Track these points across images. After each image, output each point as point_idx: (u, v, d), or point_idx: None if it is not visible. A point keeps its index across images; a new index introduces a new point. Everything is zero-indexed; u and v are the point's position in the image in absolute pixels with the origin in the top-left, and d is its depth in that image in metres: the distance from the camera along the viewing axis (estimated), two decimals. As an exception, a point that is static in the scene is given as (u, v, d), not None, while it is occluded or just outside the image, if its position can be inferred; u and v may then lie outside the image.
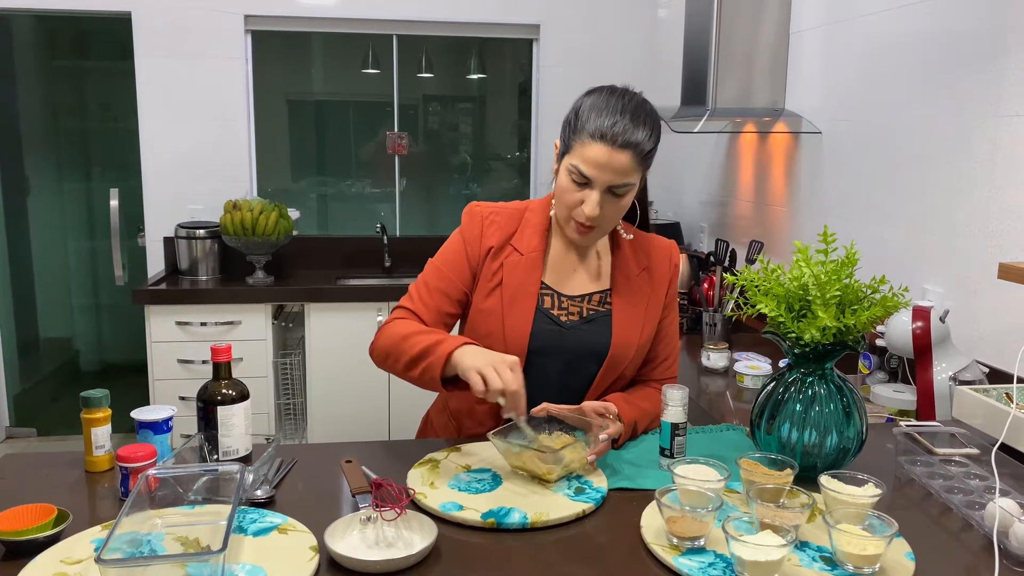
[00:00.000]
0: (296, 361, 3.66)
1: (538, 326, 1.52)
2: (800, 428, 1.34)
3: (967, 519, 1.25)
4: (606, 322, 1.55)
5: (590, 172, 1.40)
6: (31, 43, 4.82)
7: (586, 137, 1.40)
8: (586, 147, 1.40)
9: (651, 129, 1.42)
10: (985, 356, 1.95)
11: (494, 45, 4.56)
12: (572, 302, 1.56)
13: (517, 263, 1.54)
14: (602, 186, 1.41)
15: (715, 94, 2.88)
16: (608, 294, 1.58)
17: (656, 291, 1.59)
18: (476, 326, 1.56)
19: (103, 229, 4.82)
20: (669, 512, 1.14)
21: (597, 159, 1.39)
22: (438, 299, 1.55)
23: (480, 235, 1.56)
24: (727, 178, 3.44)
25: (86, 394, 1.38)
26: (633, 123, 1.39)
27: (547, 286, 1.56)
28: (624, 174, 1.41)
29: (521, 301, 1.53)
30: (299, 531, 1.16)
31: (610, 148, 1.38)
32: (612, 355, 1.53)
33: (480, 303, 1.55)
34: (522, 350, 1.51)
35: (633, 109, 1.41)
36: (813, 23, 2.74)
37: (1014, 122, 1.89)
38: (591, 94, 1.46)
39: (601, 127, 1.38)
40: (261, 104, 4.05)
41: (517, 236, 1.56)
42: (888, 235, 2.35)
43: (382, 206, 4.43)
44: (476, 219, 1.58)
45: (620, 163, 1.39)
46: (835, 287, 1.30)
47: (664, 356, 1.64)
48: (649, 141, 1.41)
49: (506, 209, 1.59)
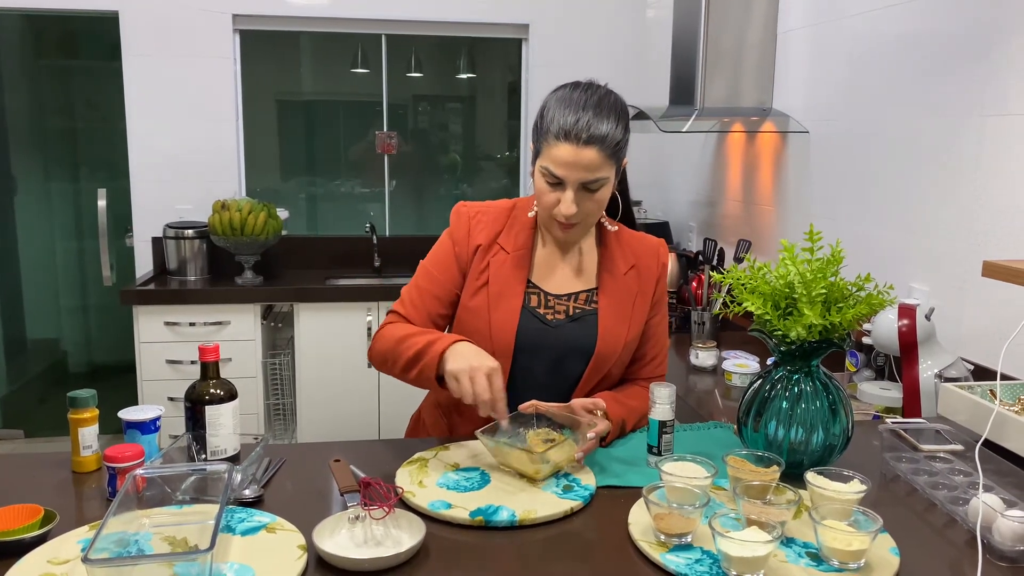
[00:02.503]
0: (285, 361, 3.65)
1: (524, 324, 1.53)
2: (787, 425, 1.35)
3: (951, 515, 1.26)
4: (592, 320, 1.55)
5: (560, 172, 1.41)
6: (18, 42, 4.79)
7: (552, 138, 1.41)
8: (553, 148, 1.41)
9: (616, 120, 1.42)
10: (970, 353, 1.96)
11: (483, 45, 4.56)
12: (559, 300, 1.56)
13: (504, 262, 1.55)
14: (574, 184, 1.42)
15: (703, 94, 2.89)
16: (595, 293, 1.58)
17: (644, 290, 1.60)
18: (463, 324, 1.57)
19: (91, 229, 4.78)
20: (656, 509, 1.15)
21: (564, 159, 1.40)
22: (428, 302, 1.56)
23: (468, 234, 1.57)
24: (715, 178, 3.45)
25: (73, 394, 1.38)
26: (596, 117, 1.39)
27: (534, 284, 1.56)
28: (593, 169, 1.41)
29: (507, 299, 1.53)
30: (287, 530, 1.16)
31: (575, 146, 1.39)
32: (598, 353, 1.54)
33: (467, 301, 1.55)
34: (508, 348, 1.52)
35: (596, 103, 1.41)
36: (800, 23, 2.76)
37: (998, 121, 1.90)
38: (556, 92, 1.47)
39: (564, 125, 1.39)
40: (250, 104, 4.04)
41: (504, 234, 1.57)
42: (874, 233, 2.36)
43: (371, 206, 4.42)
44: (463, 219, 1.59)
45: (587, 159, 1.39)
46: (821, 285, 1.31)
47: (653, 355, 1.64)
48: (616, 132, 1.41)
49: (493, 208, 1.60)
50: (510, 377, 1.53)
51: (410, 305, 1.57)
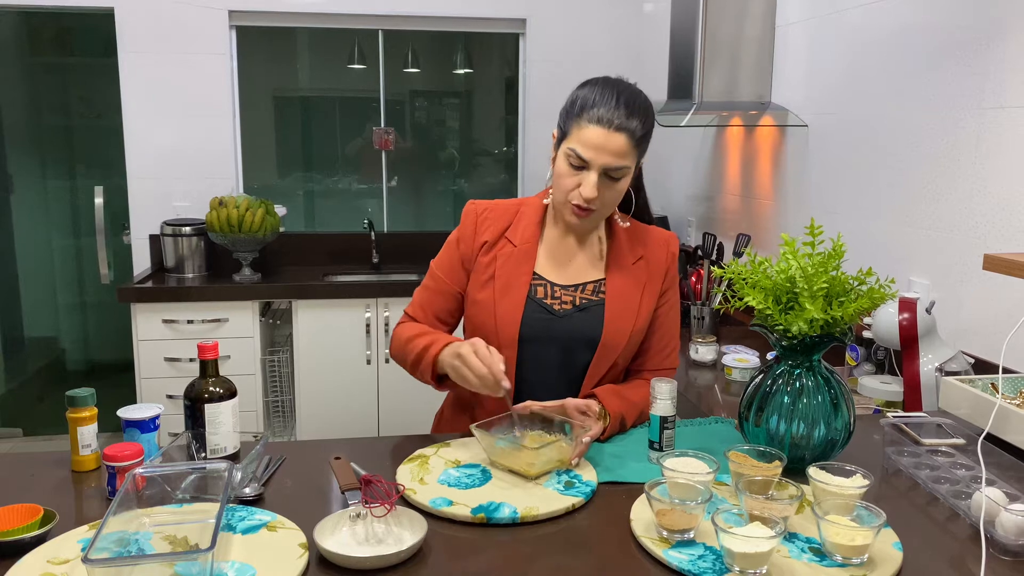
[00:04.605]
0: (284, 358, 3.64)
1: (529, 315, 1.54)
2: (788, 420, 1.35)
3: (954, 509, 1.26)
4: (599, 311, 1.56)
5: (587, 154, 1.45)
6: (13, 39, 4.77)
7: (584, 121, 1.46)
8: (583, 130, 1.45)
9: (644, 116, 1.48)
10: (971, 347, 1.96)
11: (480, 40, 4.55)
12: (566, 291, 1.58)
13: (510, 255, 1.58)
14: (599, 168, 1.45)
15: (701, 88, 2.89)
16: (603, 283, 1.59)
17: (652, 280, 1.61)
18: (471, 318, 1.61)
19: (88, 227, 4.77)
20: (658, 505, 1.14)
21: (594, 141, 1.44)
22: (434, 302, 1.64)
23: (475, 232, 1.61)
24: (714, 172, 3.44)
25: (71, 393, 1.37)
26: (628, 109, 1.45)
27: (540, 276, 1.58)
28: (620, 156, 1.45)
29: (512, 291, 1.56)
30: (288, 528, 1.16)
31: (607, 130, 1.44)
32: (604, 343, 1.55)
33: (475, 295, 1.59)
34: (512, 339, 1.54)
35: (628, 97, 1.47)
36: (799, 16, 2.75)
37: (998, 114, 1.90)
38: (587, 85, 1.51)
39: (598, 112, 1.45)
40: (247, 100, 4.02)
41: (511, 229, 1.61)
42: (874, 227, 2.36)
43: (369, 202, 4.41)
44: (471, 216, 1.64)
45: (616, 145, 1.44)
46: (822, 279, 1.30)
47: (662, 345, 1.64)
48: (645, 125, 1.48)
49: (502, 205, 1.65)
50: (519, 367, 1.56)
51: (418, 306, 1.65)
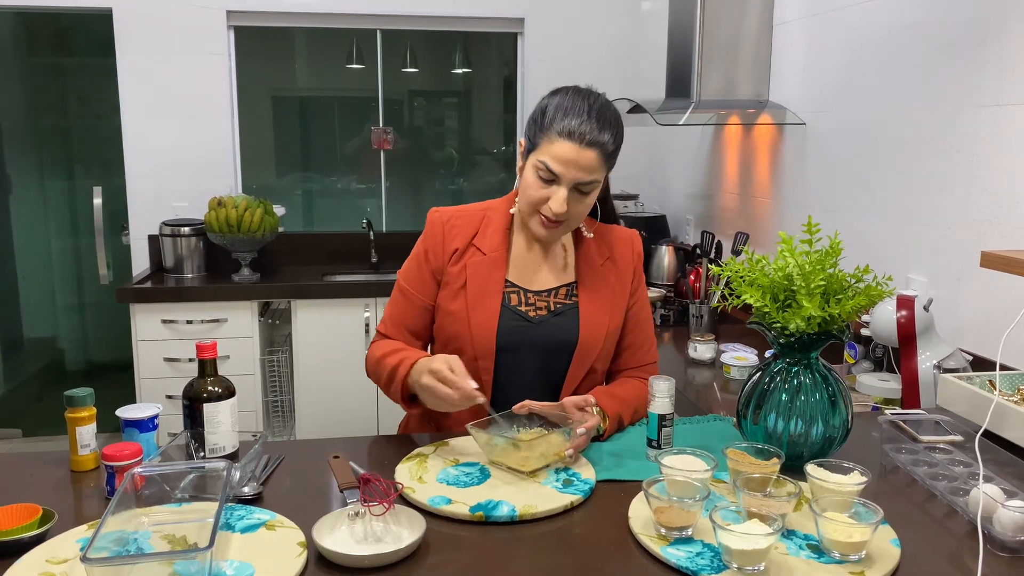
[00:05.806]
0: (283, 358, 3.64)
1: (505, 323, 1.54)
2: (786, 418, 1.35)
3: (951, 505, 1.26)
4: (574, 314, 1.57)
5: (558, 169, 1.43)
6: (11, 40, 4.76)
7: (554, 135, 1.43)
8: (554, 144, 1.43)
9: (615, 130, 1.46)
10: (968, 344, 1.97)
11: (479, 39, 4.55)
12: (539, 297, 1.57)
13: (480, 263, 1.56)
14: (569, 183, 1.44)
15: (699, 86, 2.89)
16: (574, 287, 1.59)
17: (621, 279, 1.62)
18: (443, 328, 1.58)
19: (86, 227, 4.76)
20: (657, 502, 1.14)
21: (565, 156, 1.42)
22: (405, 318, 1.61)
23: (443, 241, 1.58)
24: (712, 170, 3.45)
25: (70, 393, 1.37)
26: (599, 123, 1.43)
27: (512, 283, 1.57)
28: (591, 171, 1.44)
29: (486, 300, 1.54)
30: (287, 527, 1.16)
31: (578, 146, 1.41)
32: (581, 346, 1.55)
33: (447, 305, 1.56)
34: (489, 349, 1.53)
35: (599, 110, 1.44)
36: (796, 14, 2.75)
37: (995, 111, 1.90)
38: (556, 94, 1.49)
39: (569, 126, 1.42)
40: (245, 100, 4.02)
41: (479, 236, 1.58)
42: (872, 225, 2.36)
43: (368, 202, 4.41)
44: (437, 225, 1.60)
45: (587, 160, 1.42)
46: (819, 277, 1.31)
47: (641, 341, 1.65)
48: (613, 142, 1.45)
49: (467, 211, 1.62)
50: (496, 377, 1.54)
51: (389, 323, 1.62)
